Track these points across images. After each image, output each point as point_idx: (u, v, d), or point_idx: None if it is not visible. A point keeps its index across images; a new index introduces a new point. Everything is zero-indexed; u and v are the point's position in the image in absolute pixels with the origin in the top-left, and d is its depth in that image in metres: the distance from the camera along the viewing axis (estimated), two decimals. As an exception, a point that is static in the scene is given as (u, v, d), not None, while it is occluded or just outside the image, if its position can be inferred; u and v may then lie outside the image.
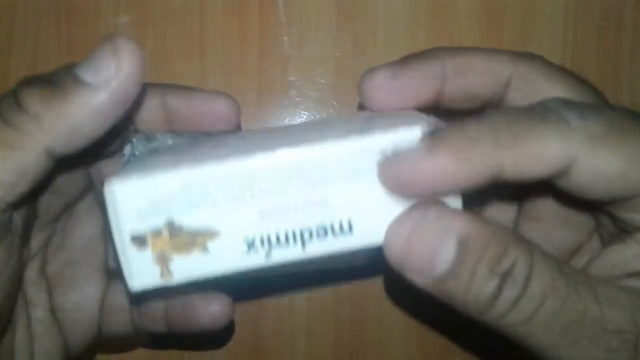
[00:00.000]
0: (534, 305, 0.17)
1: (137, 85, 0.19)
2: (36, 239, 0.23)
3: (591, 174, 0.18)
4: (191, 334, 0.24)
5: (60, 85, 0.18)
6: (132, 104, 0.19)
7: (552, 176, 0.18)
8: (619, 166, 0.17)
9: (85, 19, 0.31)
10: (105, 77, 0.18)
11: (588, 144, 0.17)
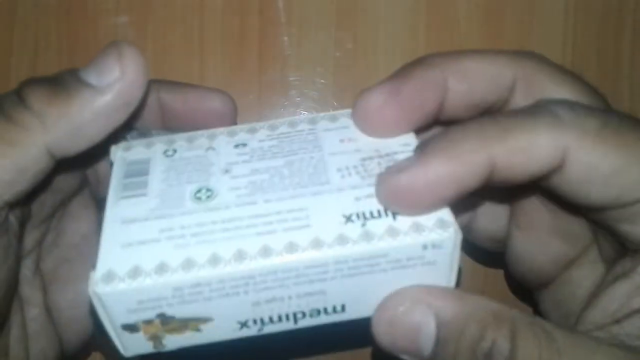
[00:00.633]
0: None
1: (140, 90, 0.19)
2: (30, 237, 0.23)
3: (585, 169, 0.17)
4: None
5: (64, 85, 0.19)
6: (135, 108, 0.19)
7: (546, 172, 0.17)
8: (614, 162, 0.17)
9: (85, 19, 0.31)
10: (109, 80, 0.18)
11: (582, 137, 0.17)
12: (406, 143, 0.20)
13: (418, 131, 0.21)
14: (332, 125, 0.22)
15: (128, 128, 0.24)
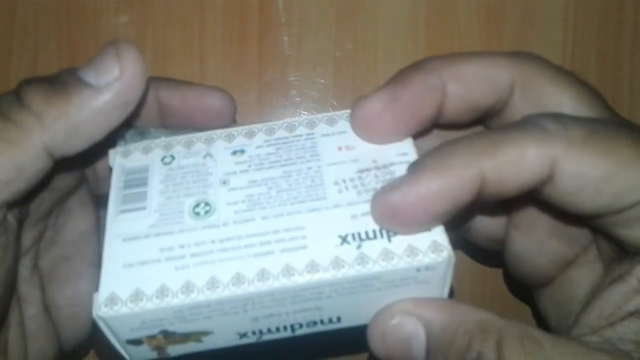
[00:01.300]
0: None
1: (139, 89, 0.19)
2: (28, 235, 0.23)
3: (575, 179, 0.17)
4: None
5: (63, 84, 0.19)
6: (134, 107, 0.19)
7: (536, 184, 0.18)
8: (603, 169, 0.17)
9: (85, 19, 0.31)
10: (108, 79, 0.18)
11: (569, 147, 0.17)
12: (404, 152, 0.21)
13: (417, 136, 0.21)
14: (331, 130, 0.22)
15: (127, 126, 0.24)
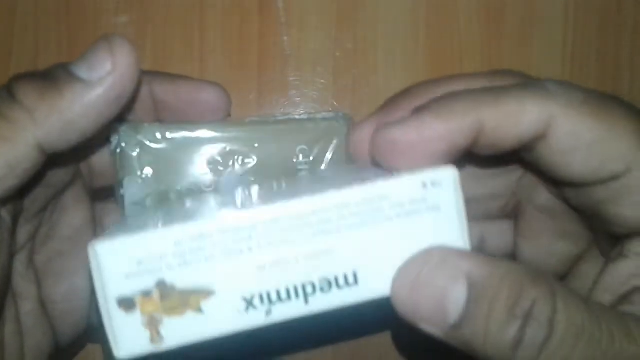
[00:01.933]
0: (565, 349, 0.16)
1: (132, 83, 0.19)
2: (23, 231, 0.22)
3: (569, 137, 0.18)
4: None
5: (55, 80, 0.18)
6: (127, 102, 0.19)
7: (532, 138, 0.18)
8: (597, 133, 0.17)
9: (85, 19, 0.31)
10: (100, 74, 0.18)
11: (567, 106, 0.18)
12: None
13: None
14: None
15: (120, 121, 0.24)
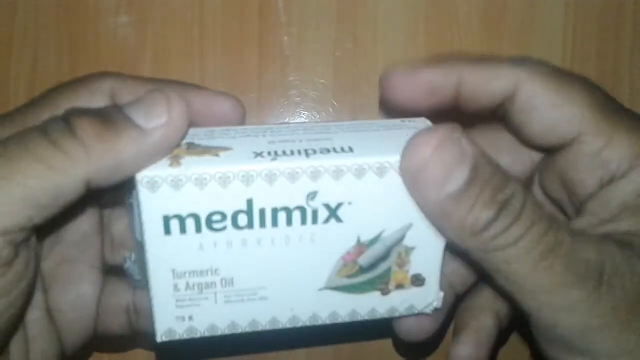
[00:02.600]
0: (521, 230, 0.19)
1: (181, 135, 0.20)
2: None
3: (529, 99, 0.22)
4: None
5: (113, 121, 0.19)
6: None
7: (502, 97, 0.22)
8: (553, 99, 0.22)
9: (85, 19, 0.31)
10: (156, 124, 0.19)
11: (533, 74, 0.22)
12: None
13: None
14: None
15: None
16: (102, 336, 0.25)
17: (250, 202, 0.20)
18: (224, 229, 0.20)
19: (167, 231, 0.20)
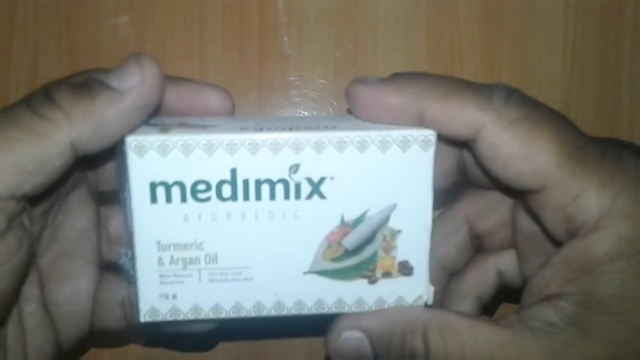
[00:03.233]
0: None
1: (157, 94, 0.21)
2: None
3: (490, 147, 0.21)
4: (183, 335, 0.25)
5: (89, 87, 0.20)
6: (152, 110, 0.21)
7: (463, 139, 0.21)
8: (514, 149, 0.21)
9: (85, 19, 0.31)
10: (130, 84, 0.20)
11: (496, 121, 0.21)
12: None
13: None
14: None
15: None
16: (98, 331, 0.25)
17: (234, 172, 0.20)
18: (208, 199, 0.21)
19: (154, 199, 0.21)
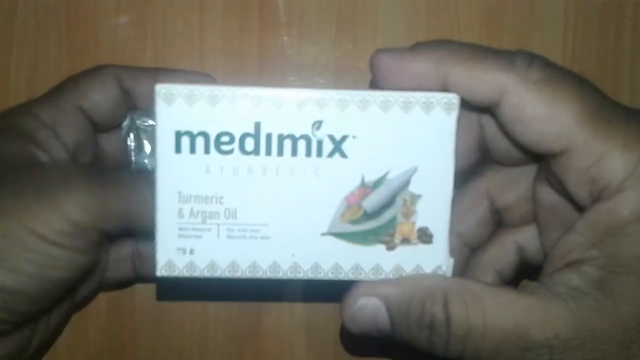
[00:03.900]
0: (460, 346, 0.21)
1: None
2: None
3: (513, 109, 0.21)
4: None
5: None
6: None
7: (486, 103, 0.21)
8: (539, 110, 0.20)
9: (85, 19, 0.31)
10: None
11: (519, 82, 0.21)
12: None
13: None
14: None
15: (132, 107, 0.26)
16: (109, 283, 0.27)
17: (257, 125, 0.21)
18: (231, 151, 0.21)
19: (178, 149, 0.21)
